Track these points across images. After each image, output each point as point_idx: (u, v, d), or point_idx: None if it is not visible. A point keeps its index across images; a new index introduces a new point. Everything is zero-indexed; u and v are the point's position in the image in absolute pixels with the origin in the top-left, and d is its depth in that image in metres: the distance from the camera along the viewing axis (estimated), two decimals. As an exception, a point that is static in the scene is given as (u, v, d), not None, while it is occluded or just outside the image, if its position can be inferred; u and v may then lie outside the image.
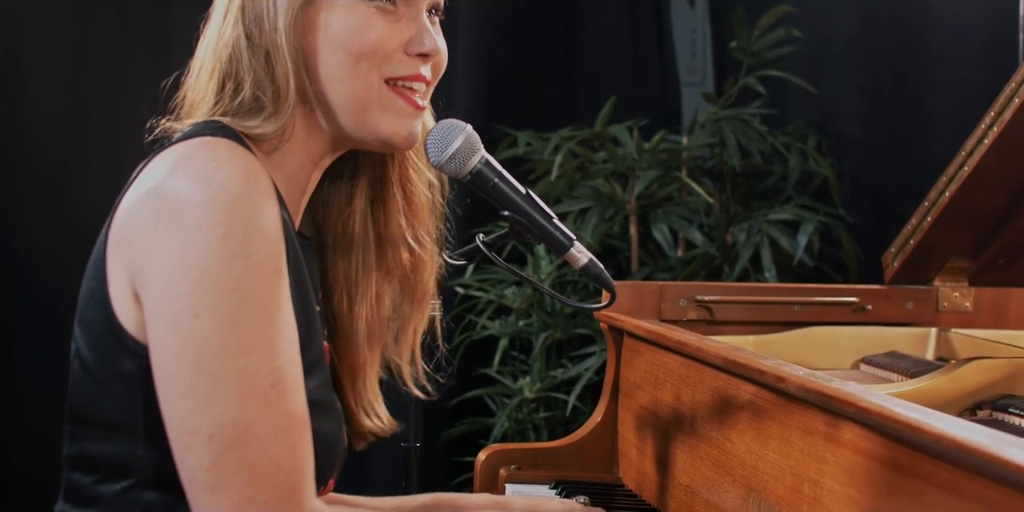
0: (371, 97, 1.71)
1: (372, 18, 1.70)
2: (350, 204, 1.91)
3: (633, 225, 4.00)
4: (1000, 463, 1.24)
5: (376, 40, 1.70)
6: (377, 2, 1.70)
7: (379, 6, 1.70)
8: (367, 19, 1.70)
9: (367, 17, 1.70)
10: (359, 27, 1.69)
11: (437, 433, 4.20)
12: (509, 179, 1.82)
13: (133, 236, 1.56)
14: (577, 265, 1.83)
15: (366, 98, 1.71)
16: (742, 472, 1.95)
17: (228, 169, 1.54)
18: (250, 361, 1.50)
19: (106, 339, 1.59)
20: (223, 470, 1.49)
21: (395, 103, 1.73)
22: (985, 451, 1.27)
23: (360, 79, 1.70)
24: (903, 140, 3.87)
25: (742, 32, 3.99)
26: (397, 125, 1.74)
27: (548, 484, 2.47)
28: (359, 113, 1.72)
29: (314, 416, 1.63)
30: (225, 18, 1.74)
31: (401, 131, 1.75)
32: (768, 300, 2.67)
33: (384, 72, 1.72)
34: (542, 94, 4.62)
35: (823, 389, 1.67)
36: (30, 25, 4.09)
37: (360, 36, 1.69)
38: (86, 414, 1.63)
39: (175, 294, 1.50)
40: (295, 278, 1.66)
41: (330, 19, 1.70)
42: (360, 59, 1.70)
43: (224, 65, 1.72)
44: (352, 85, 1.71)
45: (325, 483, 1.76)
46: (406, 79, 1.74)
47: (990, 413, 2.12)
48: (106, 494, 1.61)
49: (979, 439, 1.30)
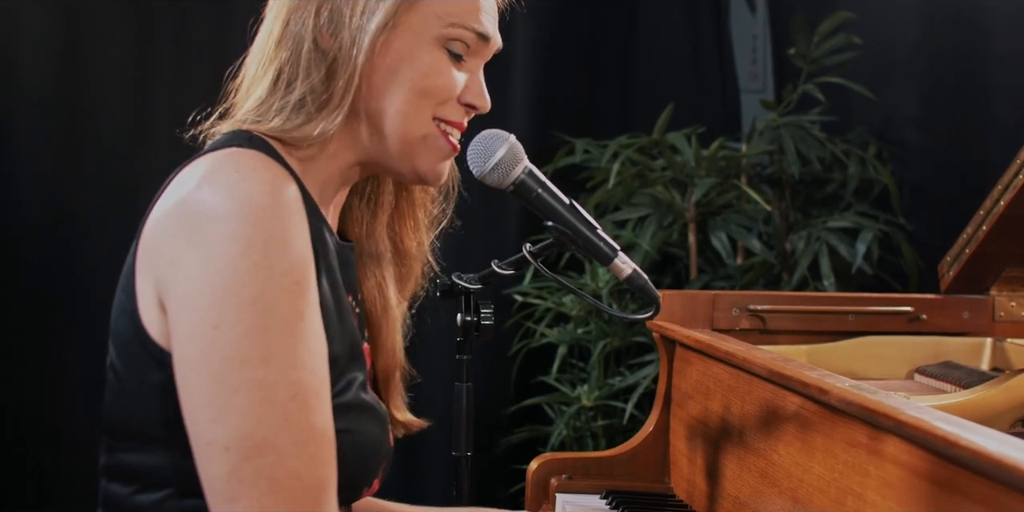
0: (419, 132, 1.76)
1: (445, 64, 1.76)
2: (374, 219, 1.95)
3: (692, 233, 3.99)
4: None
5: (443, 85, 1.75)
6: (451, 47, 1.76)
7: (452, 52, 1.76)
8: (441, 64, 1.75)
9: (439, 61, 1.75)
10: (432, 69, 1.74)
11: (496, 441, 4.21)
12: (553, 189, 1.84)
13: (160, 247, 1.57)
14: (621, 276, 1.85)
15: (414, 132, 1.75)
16: (788, 484, 1.94)
17: (252, 181, 1.56)
18: (268, 372, 1.50)
19: (135, 349, 1.60)
20: (240, 481, 1.49)
21: (438, 142, 1.78)
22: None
23: (417, 115, 1.75)
24: (965, 147, 3.82)
25: (801, 39, 3.97)
26: (435, 163, 1.79)
27: (599, 494, 2.47)
28: (405, 145, 1.76)
29: (356, 418, 1.67)
30: (295, 14, 1.75)
31: (437, 169, 1.80)
32: (821, 309, 2.65)
33: (436, 113, 1.77)
34: (601, 102, 4.61)
35: (864, 402, 1.66)
36: (94, 29, 4.14)
37: (430, 78, 1.74)
38: (120, 425, 1.65)
39: (197, 305, 1.51)
40: (330, 282, 1.68)
41: (403, 51, 1.73)
42: (422, 97, 1.74)
43: (282, 61, 1.74)
44: (408, 119, 1.75)
45: (370, 484, 1.77)
46: (451, 124, 1.79)
47: (1045, 425, 2.11)
48: (145, 504, 1.62)
49: (1018, 455, 1.29)
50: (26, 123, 4.07)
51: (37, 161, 4.07)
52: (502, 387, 4.31)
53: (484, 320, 1.96)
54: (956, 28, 3.87)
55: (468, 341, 1.97)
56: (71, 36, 4.12)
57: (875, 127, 4.13)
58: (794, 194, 4.07)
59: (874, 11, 4.13)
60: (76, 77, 4.12)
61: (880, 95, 4.03)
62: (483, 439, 4.17)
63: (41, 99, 4.09)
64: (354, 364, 1.74)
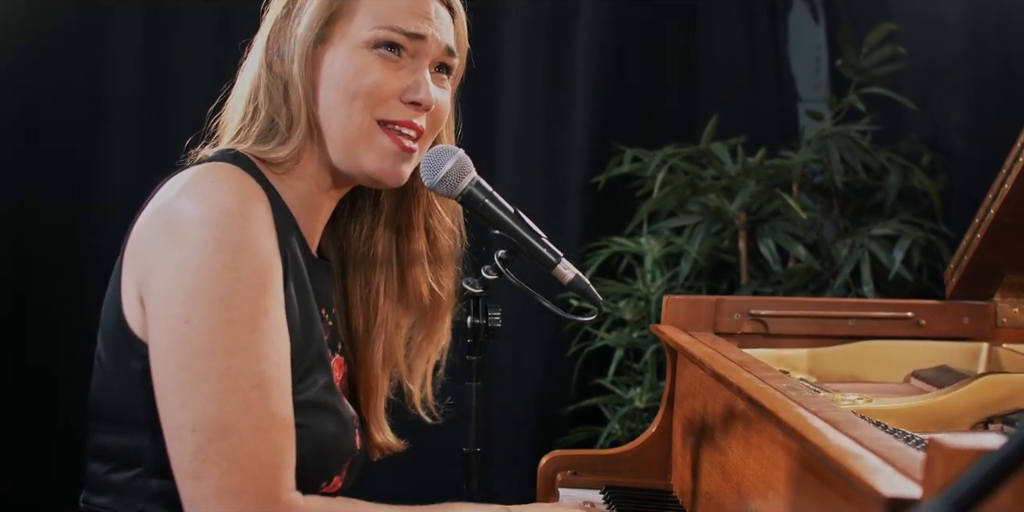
0: (359, 134, 1.88)
1: (372, 64, 1.88)
2: (371, 237, 2.10)
3: (742, 240, 4.07)
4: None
5: (371, 84, 1.87)
6: (380, 50, 1.88)
7: (382, 54, 1.88)
8: (367, 64, 1.88)
9: (367, 63, 1.88)
10: (357, 70, 1.87)
11: (554, 440, 4.31)
12: (499, 199, 1.94)
13: (142, 249, 1.74)
14: (564, 280, 1.95)
15: (355, 134, 1.88)
16: (736, 479, 2.03)
17: (224, 191, 1.72)
18: (233, 362, 1.66)
19: (118, 341, 1.77)
20: (204, 461, 1.65)
21: (382, 141, 1.89)
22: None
23: (352, 117, 1.87)
24: (1013, 156, 3.84)
25: (849, 50, 4.03)
26: (380, 162, 1.90)
27: (599, 489, 2.57)
28: (347, 147, 1.89)
29: (314, 415, 1.81)
30: (256, 51, 1.94)
31: (384, 167, 1.90)
32: (822, 314, 2.72)
33: (377, 114, 1.88)
34: (662, 111, 4.69)
35: (764, 401, 1.76)
36: (180, 47, 4.35)
37: (356, 79, 1.87)
38: (101, 410, 1.82)
39: (171, 301, 1.68)
40: (298, 289, 1.83)
41: (335, 60, 1.88)
42: (354, 99, 1.87)
43: (250, 92, 1.92)
44: (344, 121, 1.88)
45: (330, 480, 1.90)
46: (398, 124, 1.89)
47: (1001, 427, 2.17)
48: (117, 482, 1.79)
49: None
50: (115, 122, 4.31)
51: (124, 157, 4.30)
52: (562, 389, 4.42)
53: (492, 323, 2.04)
54: (1003, 38, 3.90)
55: (477, 342, 2.04)
56: (154, 40, 4.35)
57: (926, 137, 4.17)
58: (845, 202, 4.13)
59: (921, 22, 4.16)
60: (159, 79, 4.34)
61: (930, 105, 4.07)
62: (542, 438, 4.29)
63: (125, 99, 4.32)
64: (320, 367, 1.87)
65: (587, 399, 4.31)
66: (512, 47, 4.54)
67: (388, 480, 2.83)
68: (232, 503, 1.64)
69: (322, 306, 1.95)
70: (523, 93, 4.54)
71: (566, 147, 4.53)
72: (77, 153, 4.30)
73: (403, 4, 1.90)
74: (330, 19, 1.88)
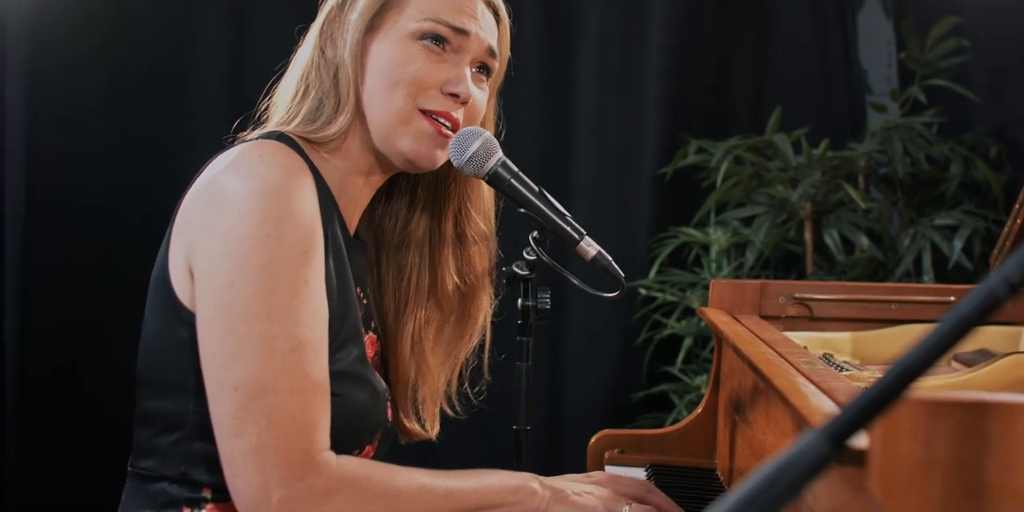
0: (399, 119, 1.97)
1: (416, 54, 1.98)
2: (406, 227, 2.19)
3: (808, 230, 4.12)
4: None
5: (413, 72, 1.97)
6: (425, 42, 1.98)
7: (426, 45, 1.98)
8: (412, 54, 1.97)
9: (412, 52, 1.98)
10: (402, 60, 1.97)
11: (623, 426, 4.38)
12: (525, 179, 2.03)
13: (189, 221, 1.84)
14: (587, 257, 2.02)
15: (395, 120, 1.97)
16: (760, 454, 2.10)
17: (269, 165, 1.82)
18: (272, 326, 1.75)
19: (167, 310, 1.87)
20: (244, 418, 1.73)
21: (421, 124, 1.98)
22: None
23: (394, 102, 1.97)
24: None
25: (913, 43, 4.06)
26: (417, 143, 1.99)
27: (643, 467, 2.65)
28: (387, 129, 1.98)
29: (347, 385, 1.89)
30: (311, 36, 2.06)
31: (420, 149, 1.99)
32: (865, 298, 2.77)
33: (419, 102, 1.98)
34: (734, 104, 4.76)
35: (764, 370, 1.84)
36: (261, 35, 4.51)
37: (400, 67, 1.97)
38: (149, 376, 1.92)
39: (217, 268, 1.77)
40: (336, 263, 1.92)
41: (382, 48, 1.99)
42: (397, 86, 1.97)
43: (303, 74, 2.03)
44: (386, 106, 1.97)
45: (362, 449, 1.98)
46: (436, 114, 1.99)
47: (1024, 406, 2.21)
48: (162, 445, 1.89)
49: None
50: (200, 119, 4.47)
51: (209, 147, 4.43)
52: (632, 376, 4.51)
53: (542, 305, 2.12)
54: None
55: (528, 324, 2.11)
56: (238, 41, 4.50)
57: (993, 129, 4.19)
58: (910, 193, 4.17)
59: (986, 14, 4.17)
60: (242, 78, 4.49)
61: (997, 97, 4.09)
62: (612, 424, 4.37)
63: (212, 98, 4.47)
64: (355, 339, 1.96)
65: (656, 386, 4.39)
66: (587, 47, 4.64)
67: (449, 457, 2.92)
68: (268, 459, 1.71)
69: (357, 285, 2.03)
70: (598, 90, 4.64)
71: (638, 142, 4.61)
72: (160, 140, 4.45)
73: (452, 1, 2.00)
74: (381, 9, 1.99)
